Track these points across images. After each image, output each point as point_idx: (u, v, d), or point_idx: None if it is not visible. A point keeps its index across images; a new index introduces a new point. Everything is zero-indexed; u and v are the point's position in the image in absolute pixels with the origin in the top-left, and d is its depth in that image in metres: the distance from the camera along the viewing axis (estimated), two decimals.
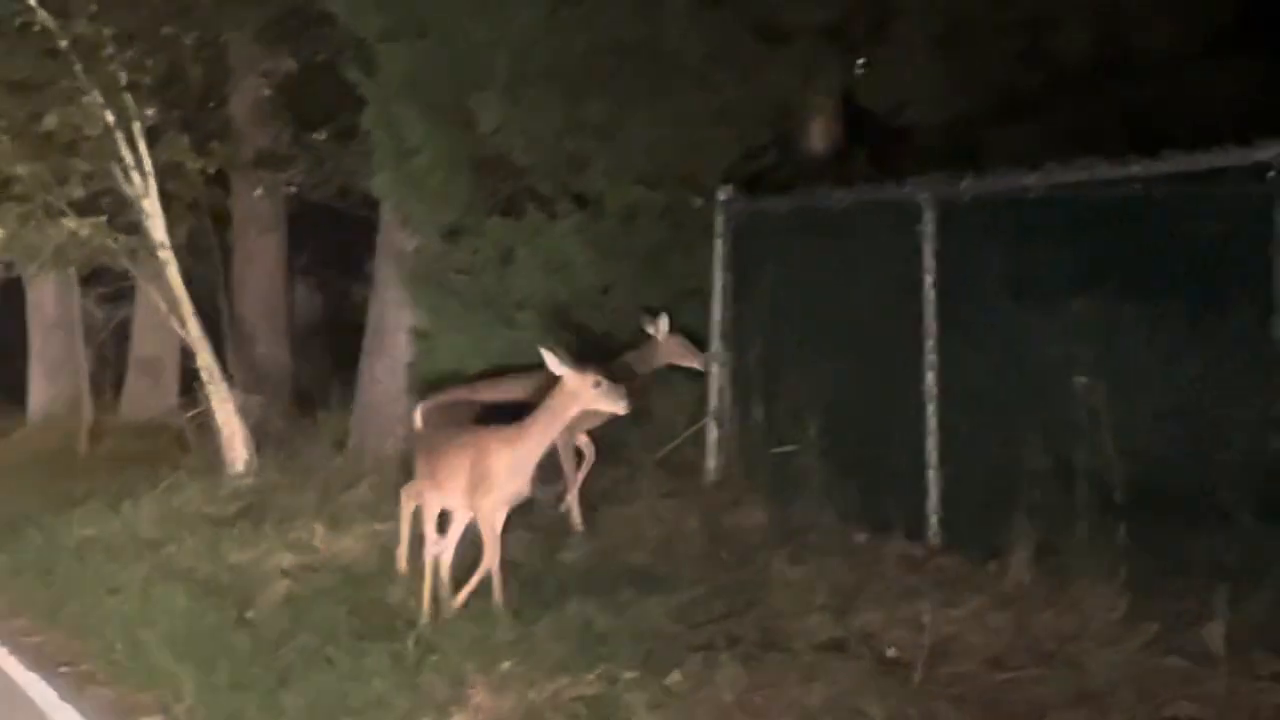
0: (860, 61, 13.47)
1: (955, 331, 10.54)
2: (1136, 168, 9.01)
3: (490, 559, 9.87)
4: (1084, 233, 9.95)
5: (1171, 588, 8.80)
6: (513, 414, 10.18)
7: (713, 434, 12.50)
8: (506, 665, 8.82)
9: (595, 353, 11.44)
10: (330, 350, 20.17)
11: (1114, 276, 9.82)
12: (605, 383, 9.90)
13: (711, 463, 12.45)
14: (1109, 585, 8.85)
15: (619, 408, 9.98)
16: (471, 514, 10.07)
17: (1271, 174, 8.21)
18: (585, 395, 9.88)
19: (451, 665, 8.92)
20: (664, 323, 12.09)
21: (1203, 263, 9.19)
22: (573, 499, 11.73)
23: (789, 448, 11.46)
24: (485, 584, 9.99)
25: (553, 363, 9.93)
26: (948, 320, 10.49)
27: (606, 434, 11.86)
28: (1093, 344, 9.92)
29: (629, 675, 8.48)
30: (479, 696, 8.56)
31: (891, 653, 8.63)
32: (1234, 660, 7.89)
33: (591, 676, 8.52)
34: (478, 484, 9.89)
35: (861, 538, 10.68)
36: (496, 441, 9.97)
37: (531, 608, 9.71)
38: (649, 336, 12.07)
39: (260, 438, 15.52)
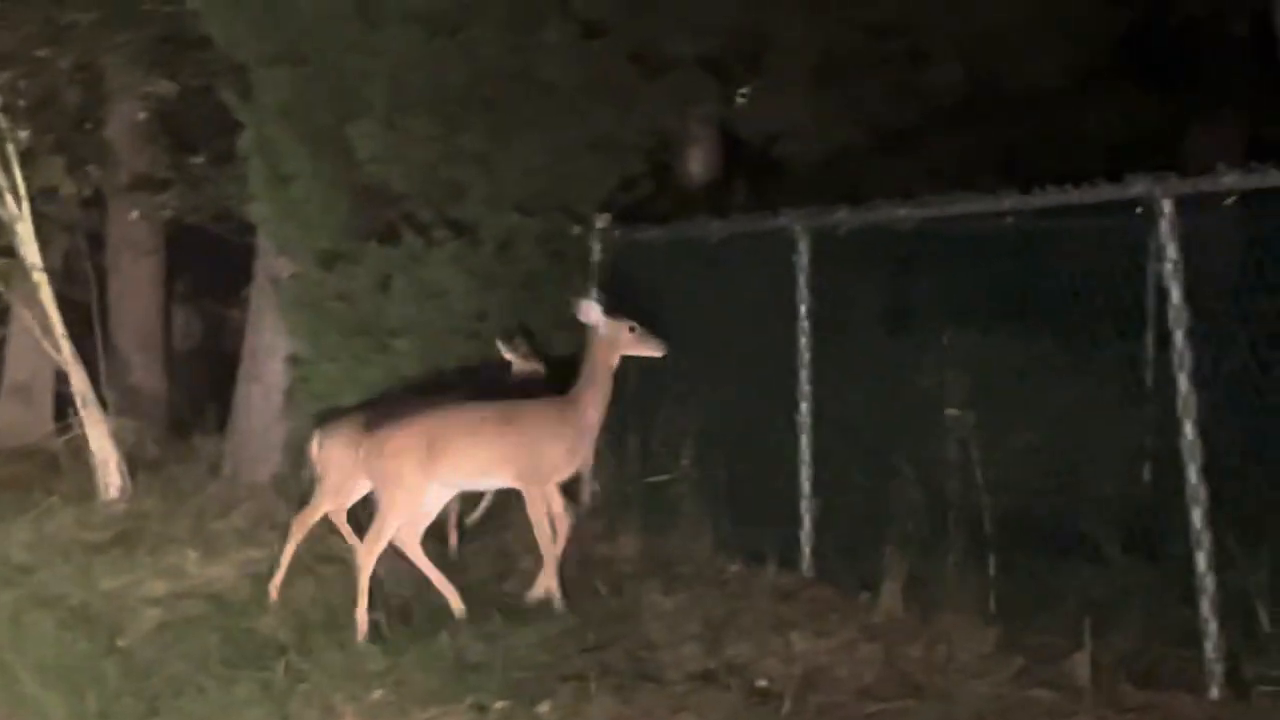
0: (741, 92, 13.50)
1: (829, 362, 10.55)
2: (1009, 202, 9.03)
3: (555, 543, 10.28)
4: (957, 265, 9.98)
5: (1039, 620, 8.86)
6: None
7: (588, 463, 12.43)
8: (377, 694, 8.76)
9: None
10: (207, 375, 19.96)
11: (987, 309, 9.87)
12: (639, 327, 10.37)
13: (586, 492, 12.38)
14: (978, 617, 8.90)
15: (657, 349, 10.48)
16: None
17: (1141, 210, 8.20)
18: (623, 339, 10.39)
19: (321, 694, 8.83)
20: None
21: (1075, 297, 9.23)
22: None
23: (663, 477, 11.44)
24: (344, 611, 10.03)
25: (587, 312, 10.44)
26: (822, 351, 10.51)
27: None
28: (965, 376, 9.95)
29: (499, 705, 8.45)
30: None
31: (762, 683, 8.58)
32: (1100, 692, 7.95)
33: (462, 706, 8.47)
34: (536, 462, 10.24)
35: (735, 568, 10.68)
36: (554, 413, 10.38)
37: (402, 637, 9.65)
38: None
39: (135, 463, 15.30)
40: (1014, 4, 13.37)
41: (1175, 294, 8.03)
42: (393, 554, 10.34)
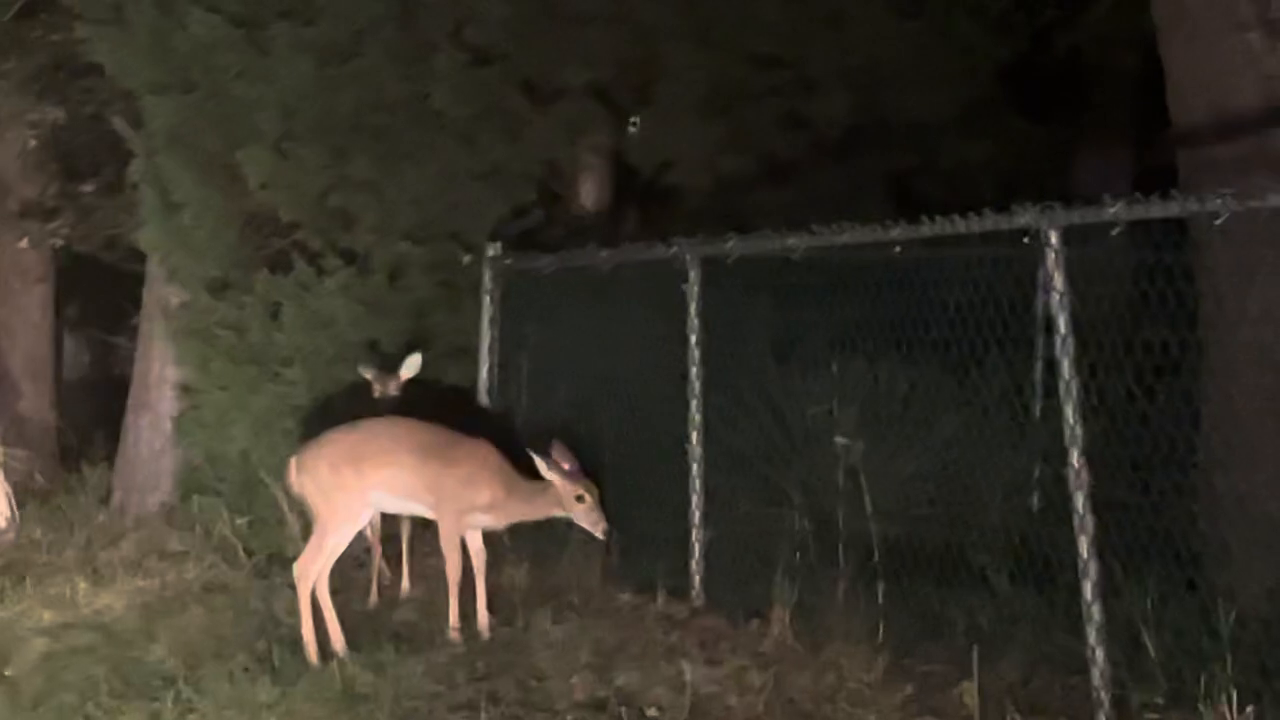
0: (632, 121, 13.49)
1: (720, 391, 10.52)
2: (897, 232, 9.00)
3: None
4: (846, 295, 9.97)
5: (928, 648, 8.86)
6: None
7: None
8: None
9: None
10: (96, 404, 19.70)
11: (876, 338, 9.86)
12: (590, 498, 10.04)
13: None
14: (867, 645, 8.89)
15: (597, 529, 10.12)
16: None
17: (1028, 240, 8.19)
18: (568, 502, 10.08)
19: None
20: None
21: (963, 326, 9.22)
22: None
23: None
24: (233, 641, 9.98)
25: (554, 464, 10.04)
26: (713, 380, 10.48)
27: None
28: (854, 405, 9.93)
29: None
30: None
31: (652, 712, 8.50)
32: None
33: None
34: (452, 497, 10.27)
35: (625, 596, 10.65)
36: (490, 474, 10.30)
37: (291, 667, 9.50)
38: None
39: (22, 493, 15.05)
40: (900, 35, 13.44)
41: (1062, 323, 8.00)
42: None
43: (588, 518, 9.97)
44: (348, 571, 11.16)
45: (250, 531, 12.38)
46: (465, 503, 10.13)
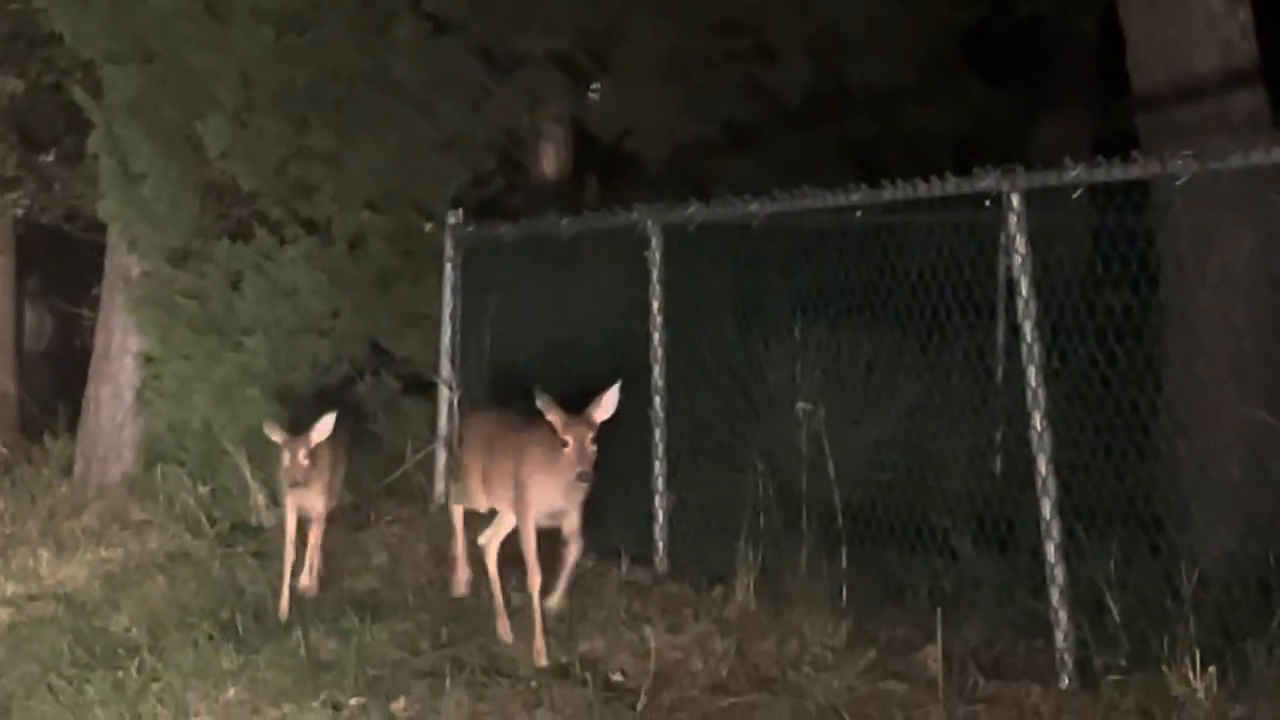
0: (592, 88, 13.44)
1: (682, 358, 10.46)
2: (858, 196, 8.94)
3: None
4: (808, 261, 9.93)
5: (891, 613, 8.83)
6: None
7: (441, 459, 12.28)
8: (230, 693, 8.54)
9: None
10: (57, 375, 19.62)
11: (838, 304, 9.82)
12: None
13: (440, 488, 12.21)
14: (830, 611, 8.83)
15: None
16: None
17: (989, 203, 8.14)
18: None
19: (174, 693, 8.58)
20: None
21: (925, 291, 9.19)
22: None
23: None
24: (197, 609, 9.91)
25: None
26: (675, 346, 10.41)
27: None
28: (816, 370, 9.90)
29: (354, 702, 8.27)
30: None
31: (616, 678, 8.45)
32: (951, 684, 7.84)
33: (316, 704, 8.27)
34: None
35: (588, 563, 10.51)
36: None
37: (255, 635, 9.46)
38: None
39: None
40: (860, 1, 13.37)
41: (1024, 287, 7.95)
42: None
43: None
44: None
45: (213, 500, 12.32)
46: None
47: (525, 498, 9.02)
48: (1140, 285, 8.26)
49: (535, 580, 8.97)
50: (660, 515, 10.41)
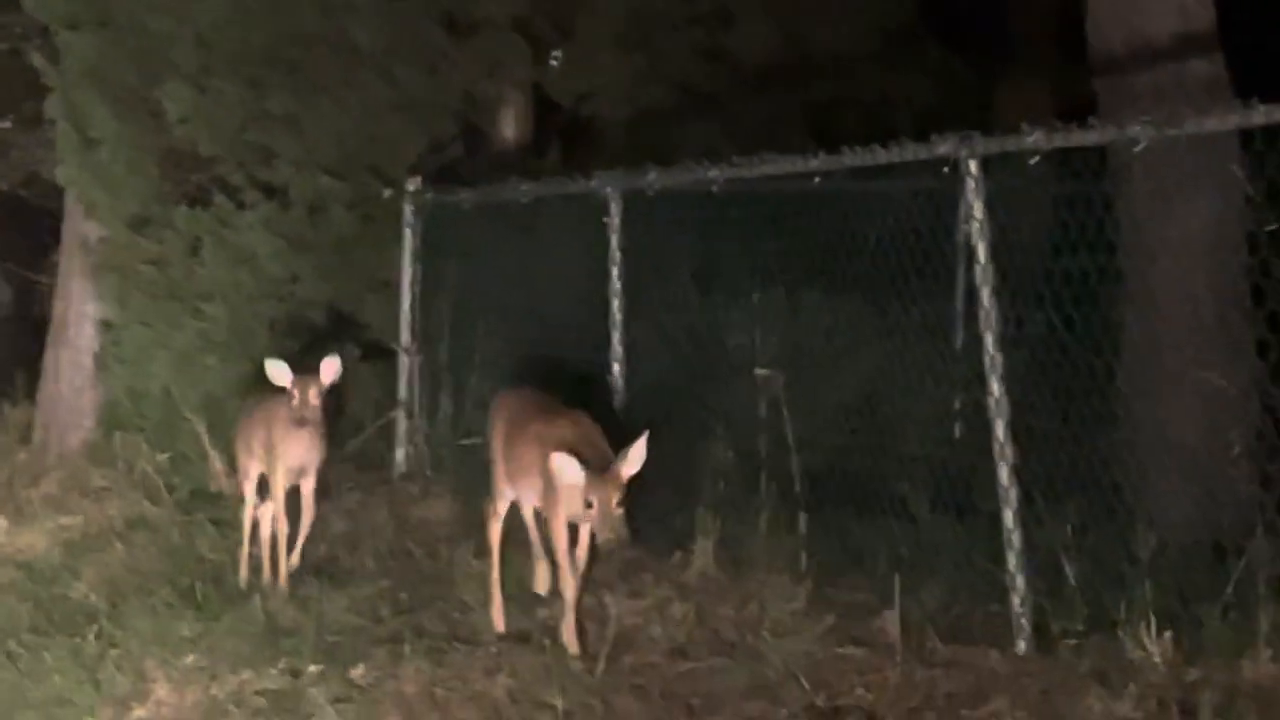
0: (554, 54, 13.43)
1: (641, 323, 10.47)
2: (816, 162, 8.94)
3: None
4: (767, 227, 9.93)
5: (850, 578, 8.84)
6: None
7: (401, 426, 12.27)
8: (189, 659, 8.55)
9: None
10: (16, 342, 19.50)
11: (797, 270, 9.82)
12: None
13: (400, 455, 12.22)
14: (789, 576, 8.85)
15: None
16: None
17: (948, 169, 8.15)
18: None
19: (133, 660, 8.61)
20: None
21: (884, 257, 9.19)
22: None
23: (477, 440, 11.26)
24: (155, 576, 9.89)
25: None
26: (634, 312, 10.42)
27: None
28: (776, 336, 9.90)
29: (313, 669, 8.28)
30: (160, 691, 8.23)
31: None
32: (909, 648, 7.89)
33: (275, 671, 8.28)
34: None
35: None
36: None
37: (215, 602, 9.47)
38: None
39: None
40: None
41: (982, 253, 7.95)
42: None
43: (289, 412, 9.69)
44: None
45: (172, 467, 12.27)
46: None
47: (555, 509, 8.32)
48: (1098, 252, 8.28)
49: (569, 585, 8.42)
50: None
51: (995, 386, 7.92)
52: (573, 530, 8.50)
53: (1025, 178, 8.33)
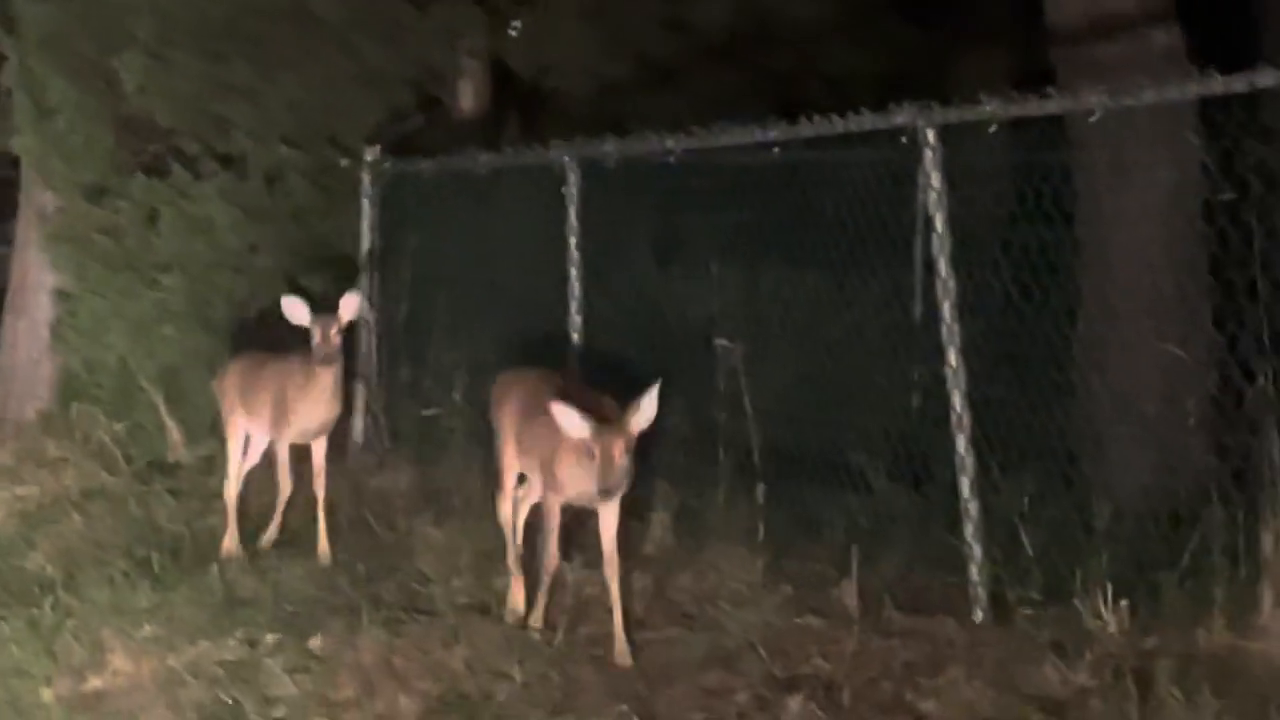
0: (513, 25, 13.38)
1: (600, 294, 10.43)
2: (775, 132, 8.94)
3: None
4: (726, 198, 9.92)
5: (807, 549, 8.86)
6: None
7: (360, 396, 12.21)
8: (146, 630, 8.54)
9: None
10: None
11: (756, 241, 9.81)
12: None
13: (358, 425, 12.15)
14: (747, 547, 8.84)
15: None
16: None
17: (906, 139, 8.13)
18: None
19: (90, 630, 8.59)
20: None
21: (843, 228, 9.19)
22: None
23: (435, 410, 11.26)
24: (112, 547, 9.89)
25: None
26: (593, 283, 10.38)
27: None
28: (734, 307, 9.89)
29: (270, 639, 8.29)
30: (117, 661, 8.23)
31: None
32: (867, 618, 7.91)
33: (232, 641, 8.29)
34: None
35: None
36: None
37: (172, 572, 9.44)
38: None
39: None
40: None
41: (939, 222, 7.96)
42: None
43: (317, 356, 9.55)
44: None
45: (129, 438, 12.21)
46: None
47: (557, 476, 8.08)
48: (1056, 222, 8.29)
49: (552, 564, 8.23)
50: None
51: (952, 357, 7.95)
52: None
53: (983, 148, 8.32)
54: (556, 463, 8.00)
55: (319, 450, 10.00)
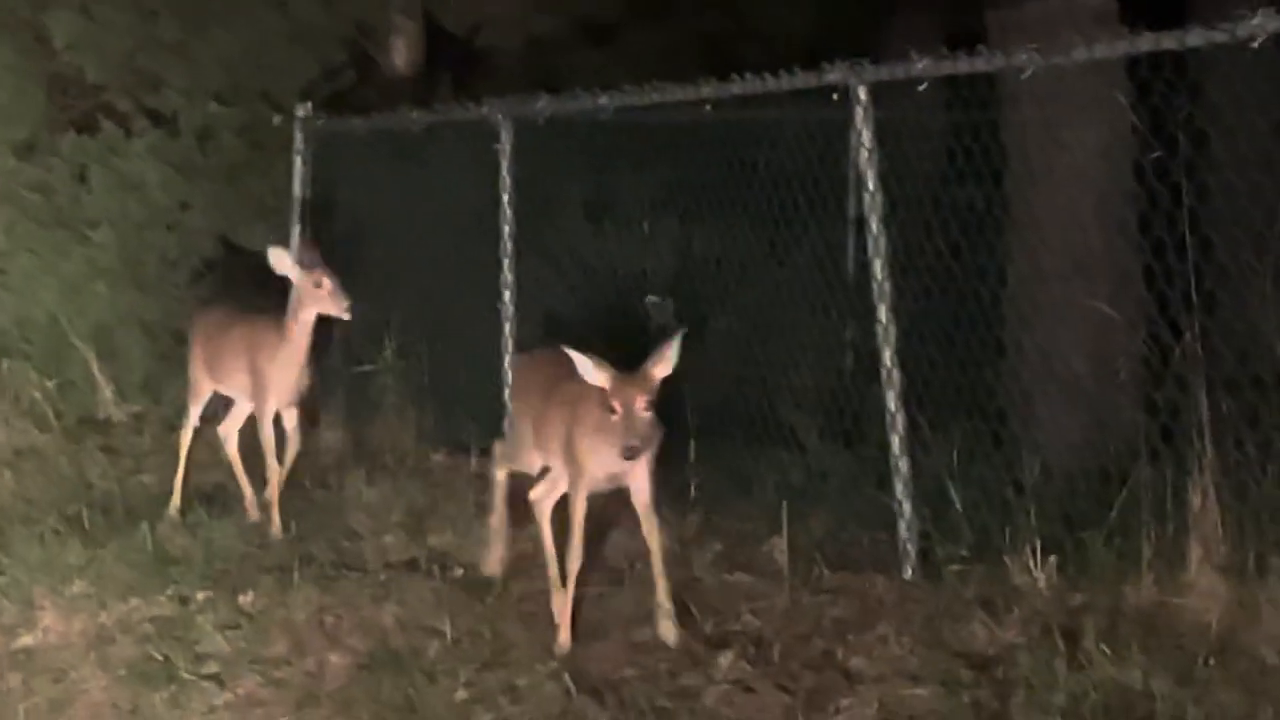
0: None
1: (532, 252, 10.40)
2: (708, 90, 8.88)
3: None
4: (659, 156, 9.89)
5: (739, 507, 8.89)
6: None
7: None
8: (76, 587, 8.48)
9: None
10: None
11: (689, 199, 9.78)
12: (328, 282, 9.03)
13: None
14: (679, 504, 8.83)
15: (341, 309, 9.11)
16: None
17: (838, 97, 8.10)
18: (309, 294, 9.08)
19: (20, 588, 8.50)
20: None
21: (775, 186, 9.16)
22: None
23: (367, 367, 11.20)
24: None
25: (278, 260, 9.19)
26: (525, 240, 10.33)
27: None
28: (667, 264, 9.87)
29: (201, 596, 8.26)
30: (48, 619, 8.14)
31: (463, 573, 8.46)
32: (797, 575, 7.90)
33: (163, 598, 8.25)
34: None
35: (438, 457, 10.59)
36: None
37: (103, 529, 9.34)
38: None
39: None
40: None
41: (871, 181, 7.94)
42: None
43: (331, 302, 9.19)
44: None
45: (60, 395, 12.08)
46: None
47: (578, 461, 7.48)
48: (987, 181, 8.27)
49: (575, 563, 7.47)
50: (510, 409, 10.33)
51: (883, 314, 7.94)
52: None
53: (915, 106, 8.29)
54: (576, 442, 7.42)
55: (290, 418, 9.63)
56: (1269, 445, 7.02)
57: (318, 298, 9.14)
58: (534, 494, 8.13)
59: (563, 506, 7.75)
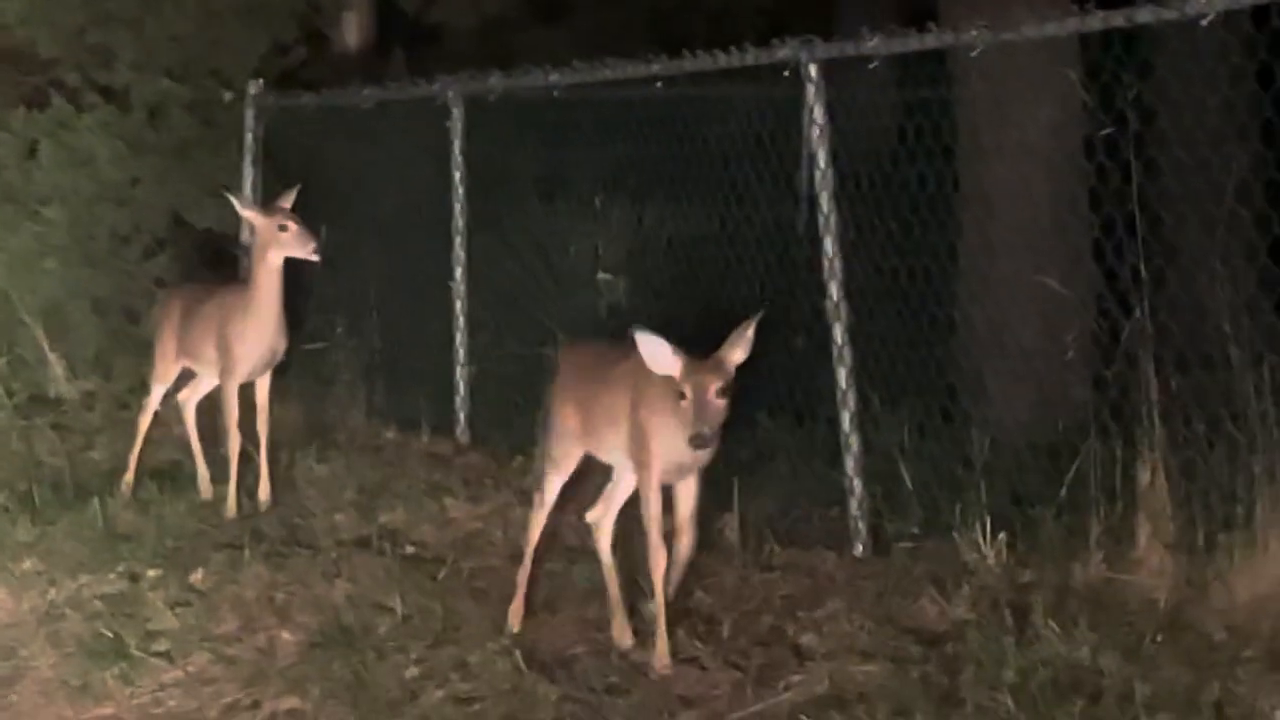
0: None
1: (484, 229, 10.38)
2: (659, 66, 8.87)
3: None
4: (610, 134, 9.88)
5: None
6: None
7: None
8: (26, 564, 8.44)
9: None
10: None
11: (641, 176, 9.77)
12: (293, 224, 9.09)
13: None
14: None
15: (308, 250, 9.11)
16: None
17: (789, 74, 8.07)
18: (273, 238, 9.05)
19: None
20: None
21: (726, 163, 9.13)
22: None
23: (318, 344, 11.14)
24: None
25: (241, 205, 9.54)
26: (476, 218, 10.34)
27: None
28: (618, 241, 9.84)
29: (152, 573, 8.22)
30: None
31: (415, 550, 8.43)
32: (748, 552, 7.90)
33: (113, 575, 8.22)
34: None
35: (390, 435, 10.60)
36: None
37: (53, 506, 9.30)
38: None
39: None
40: None
41: (822, 157, 7.92)
42: None
43: (296, 244, 9.11)
44: None
45: (10, 371, 11.98)
46: None
47: (648, 447, 6.79)
48: (938, 157, 8.25)
49: (660, 562, 6.79)
50: (461, 386, 10.35)
51: (835, 290, 7.92)
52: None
53: (866, 84, 8.27)
54: (643, 424, 6.75)
55: (262, 388, 9.50)
56: (1217, 423, 7.01)
57: (282, 241, 9.09)
58: (591, 515, 7.48)
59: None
